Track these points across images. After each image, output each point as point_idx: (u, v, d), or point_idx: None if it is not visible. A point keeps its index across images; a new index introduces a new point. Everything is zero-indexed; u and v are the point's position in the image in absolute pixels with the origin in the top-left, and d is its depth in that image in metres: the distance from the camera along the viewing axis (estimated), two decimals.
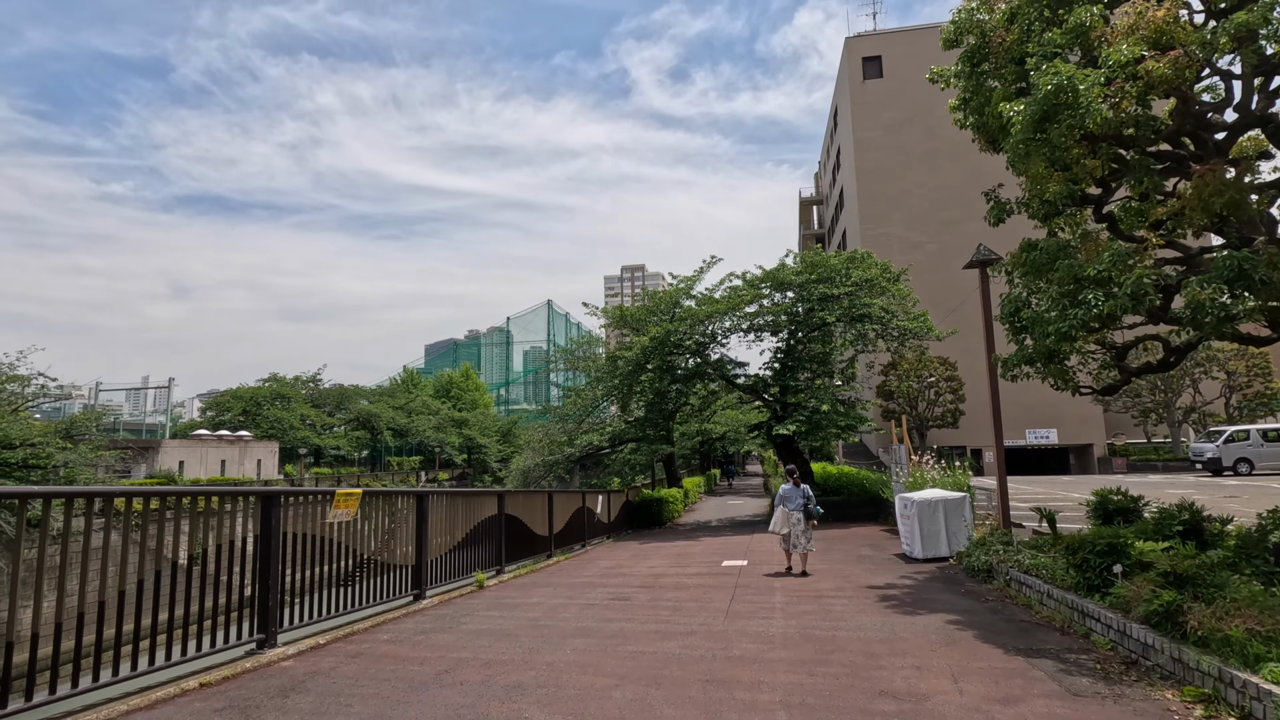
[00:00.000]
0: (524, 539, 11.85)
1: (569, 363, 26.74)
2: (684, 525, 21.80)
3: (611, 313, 21.11)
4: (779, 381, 21.44)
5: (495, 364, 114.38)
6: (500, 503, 10.71)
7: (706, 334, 20.82)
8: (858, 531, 16.71)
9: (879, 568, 10.42)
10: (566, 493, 14.75)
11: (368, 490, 7.15)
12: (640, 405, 22.50)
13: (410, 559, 8.09)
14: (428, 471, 62.44)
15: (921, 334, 19.94)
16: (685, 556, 13.11)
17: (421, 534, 8.18)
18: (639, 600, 8.32)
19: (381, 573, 7.49)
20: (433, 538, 8.53)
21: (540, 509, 12.74)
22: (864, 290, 19.98)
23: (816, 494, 21.59)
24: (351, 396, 63.36)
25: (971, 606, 7.40)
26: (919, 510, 10.87)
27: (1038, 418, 46.09)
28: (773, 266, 20.69)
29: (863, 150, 49.97)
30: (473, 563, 9.75)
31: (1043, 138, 8.02)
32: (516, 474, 26.20)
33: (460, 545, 9.40)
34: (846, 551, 12.63)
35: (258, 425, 53.24)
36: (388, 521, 7.75)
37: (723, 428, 37.42)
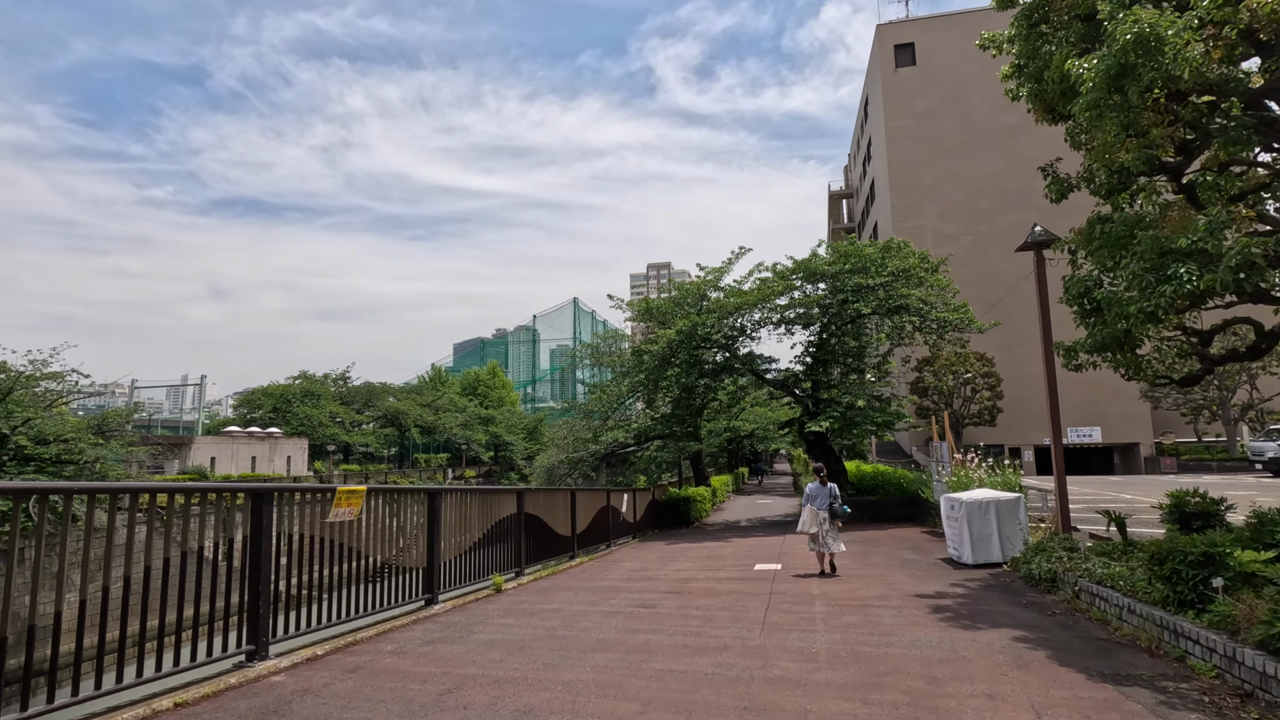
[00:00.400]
0: (545, 539, 11.29)
1: (594, 358, 26.21)
2: (712, 525, 21.11)
3: (637, 305, 20.50)
4: (810, 376, 20.65)
5: (522, 362, 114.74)
6: (519, 501, 10.16)
7: (735, 327, 20.09)
8: (896, 533, 15.87)
9: (925, 574, 9.65)
10: (590, 491, 14.19)
11: (373, 488, 6.63)
12: (666, 401, 21.84)
13: (421, 561, 7.56)
14: (455, 469, 62.55)
15: (963, 326, 18.97)
16: (715, 559, 12.45)
17: (433, 535, 7.65)
18: (666, 608, 7.69)
19: (390, 576, 6.97)
20: (446, 538, 8.00)
21: (562, 508, 12.18)
22: (901, 280, 19.08)
23: (850, 493, 20.79)
24: (379, 394, 63.74)
25: (1038, 620, 6.62)
26: (968, 512, 10.07)
27: (1081, 416, 44.38)
28: (804, 257, 19.88)
29: (895, 140, 48.62)
30: (490, 565, 9.21)
31: (1116, 100, 7.17)
32: (541, 471, 25.73)
33: (476, 546, 8.86)
34: (887, 555, 11.84)
35: (288, 422, 53.73)
36: (397, 521, 7.23)
37: (751, 425, 36.63)
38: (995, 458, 15.21)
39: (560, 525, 12.04)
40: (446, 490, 8.14)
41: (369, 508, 6.66)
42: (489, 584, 9.01)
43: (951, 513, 10.72)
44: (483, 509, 9.16)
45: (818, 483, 10.03)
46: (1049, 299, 10.47)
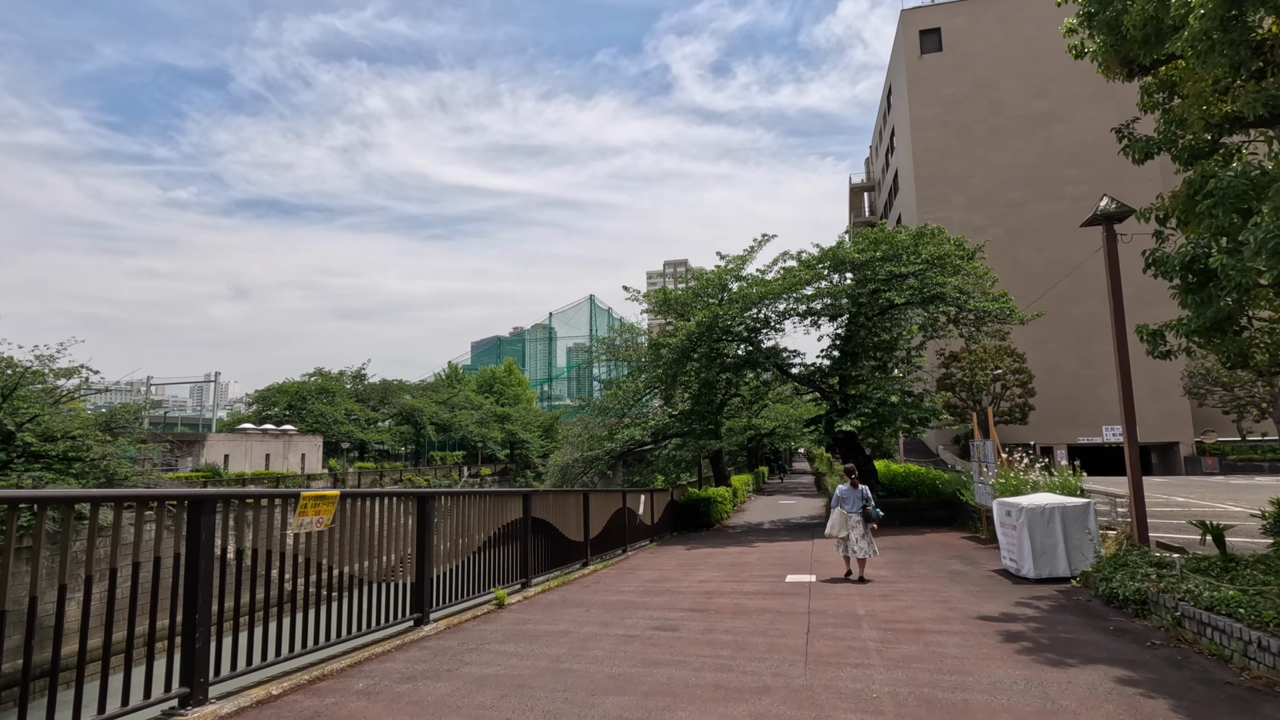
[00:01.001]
0: (555, 546, 10.32)
1: (610, 352, 25.27)
2: (734, 528, 20.05)
3: (655, 296, 19.47)
4: (838, 371, 19.49)
5: (539, 360, 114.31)
6: (526, 505, 9.19)
7: (758, 319, 19.00)
8: (934, 539, 14.71)
9: (982, 589, 8.53)
10: (605, 493, 13.21)
11: (348, 492, 5.68)
12: (685, 397, 20.81)
13: (409, 575, 6.61)
14: (470, 467, 61.98)
15: (1003, 317, 17.71)
16: (740, 567, 11.40)
17: (424, 544, 6.70)
18: (690, 631, 6.67)
19: (370, 593, 6.02)
20: (439, 548, 7.04)
21: (574, 511, 11.20)
22: (935, 268, 17.87)
23: (881, 495, 19.61)
24: (395, 391, 63.32)
25: (1138, 654, 5.52)
26: (1029, 519, 8.93)
27: (1116, 414, 42.51)
28: (832, 244, 18.73)
29: (920, 129, 47.06)
30: (492, 576, 8.24)
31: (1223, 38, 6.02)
32: (555, 470, 24.81)
33: (476, 555, 7.90)
34: (932, 565, 10.72)
35: (303, 419, 53.42)
36: (380, 530, 6.28)
37: (772, 423, 35.46)
38: (1035, 458, 14.04)
39: (572, 530, 11.06)
40: (440, 493, 7.18)
41: (345, 515, 5.72)
42: (490, 598, 8.05)
43: (1007, 520, 9.58)
44: (484, 514, 8.20)
45: (848, 485, 9.68)
46: (1120, 279, 9.27)
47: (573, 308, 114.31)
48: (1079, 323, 42.81)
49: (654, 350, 19.52)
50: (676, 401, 21.66)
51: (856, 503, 9.42)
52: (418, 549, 6.69)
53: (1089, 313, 42.90)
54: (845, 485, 9.73)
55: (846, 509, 9.45)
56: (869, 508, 9.39)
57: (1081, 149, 44.83)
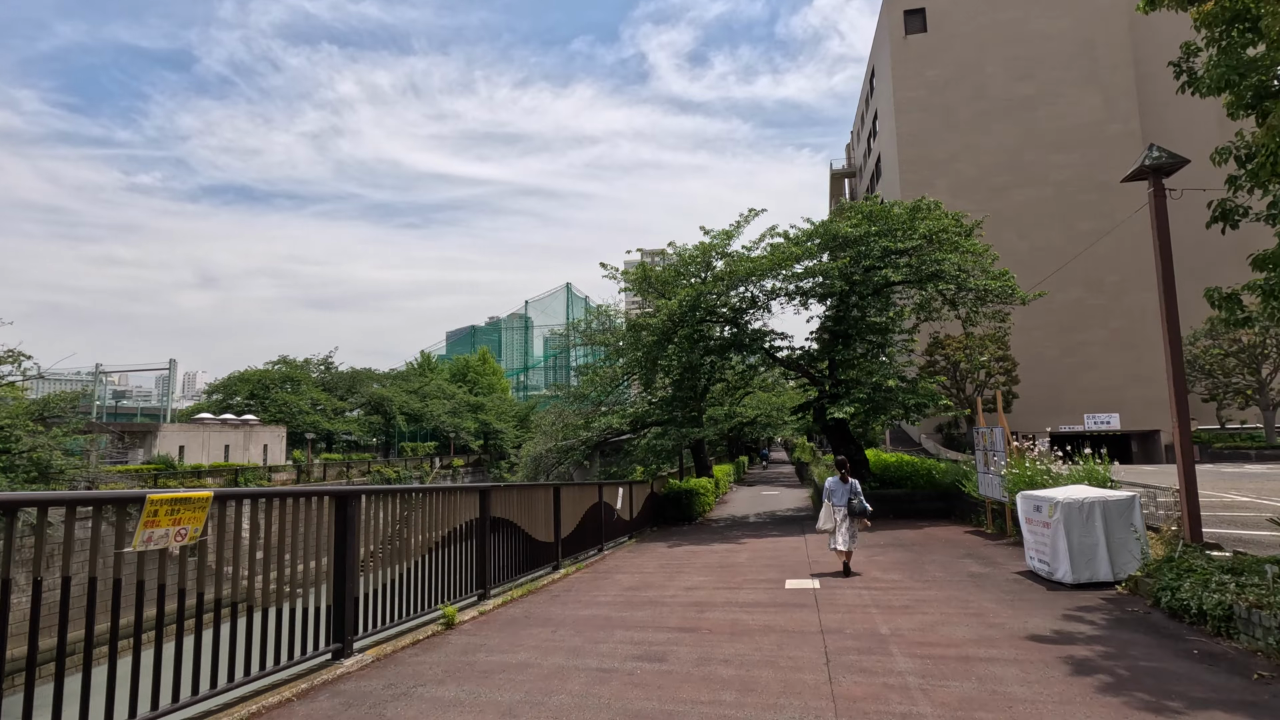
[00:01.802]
0: (520, 549, 8.95)
1: (585, 337, 23.83)
2: (718, 521, 18.84)
3: (633, 273, 18.08)
4: (828, 354, 18.31)
5: (515, 349, 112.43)
6: (484, 503, 7.80)
7: (745, 298, 17.72)
8: (935, 533, 13.63)
9: (1015, 597, 7.35)
10: (579, 487, 11.84)
11: (223, 493, 4.25)
12: (666, 383, 19.50)
13: (326, 595, 5.20)
14: (442, 458, 60.20)
15: (1004, 296, 16.64)
16: (731, 570, 10.14)
17: (344, 556, 5.30)
18: (681, 661, 5.36)
19: (268, 620, 4.61)
20: (368, 559, 5.65)
21: (543, 509, 9.83)
22: (933, 244, 16.74)
23: (874, 486, 18.49)
24: (364, 380, 61.21)
25: (1252, 693, 4.33)
26: (1066, 515, 7.76)
27: (1098, 402, 42.28)
28: (824, 218, 17.50)
29: (904, 112, 46.05)
30: (440, 589, 6.86)
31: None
32: (527, 461, 23.39)
33: (420, 566, 6.51)
34: (946, 566, 9.55)
35: (266, 410, 51.20)
36: (284, 539, 4.86)
37: (754, 411, 34.37)
38: (1044, 445, 13.01)
39: (540, 530, 9.70)
40: (366, 492, 5.76)
41: (224, 523, 4.29)
42: (437, 616, 6.67)
43: (1036, 516, 8.42)
44: (430, 514, 6.80)
45: (837, 478, 9.52)
46: (1170, 242, 8.09)
47: (549, 296, 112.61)
48: (1061, 310, 42.29)
49: (633, 332, 18.16)
50: (657, 387, 20.35)
51: (844, 496, 9.27)
52: (335, 563, 5.29)
53: (1072, 300, 42.47)
54: (834, 478, 9.54)
55: (835, 503, 9.29)
56: (855, 502, 9.25)
57: (1065, 134, 44.24)
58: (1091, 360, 42.67)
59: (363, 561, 5.56)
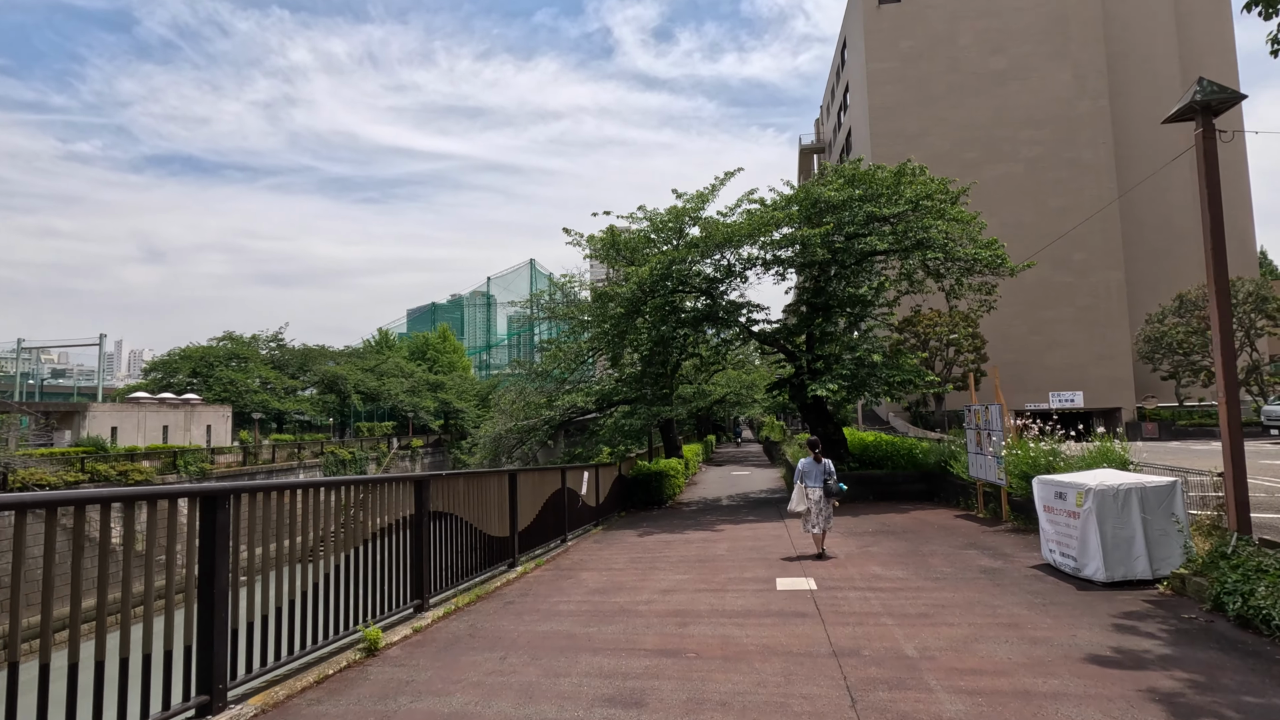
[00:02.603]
0: (467, 548, 7.64)
1: (548, 310, 22.33)
2: (689, 505, 17.76)
3: (599, 240, 16.66)
4: (805, 328, 17.23)
5: (477, 328, 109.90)
6: (420, 496, 6.45)
7: (721, 267, 16.49)
8: (924, 518, 12.72)
9: (1045, 600, 6.33)
10: (539, 472, 10.53)
11: (18, 501, 2.85)
12: (636, 359, 18.23)
13: (186, 632, 3.83)
14: (400, 438, 58.14)
15: (994, 265, 15.73)
16: (711, 565, 8.99)
17: (212, 577, 3.92)
18: (665, 706, 4.15)
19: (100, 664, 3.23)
20: (254, 573, 4.28)
21: (496, 499, 8.52)
22: (919, 211, 15.71)
23: (853, 467, 17.58)
24: (317, 358, 58.57)
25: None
26: (1100, 504, 6.76)
27: (1062, 380, 42.47)
28: (806, 182, 16.30)
29: (876, 84, 45.08)
30: (365, 602, 5.52)
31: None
32: (486, 443, 21.95)
33: (338, 576, 5.16)
34: (951, 558, 8.54)
35: (210, 388, 48.49)
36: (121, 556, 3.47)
37: (724, 389, 33.39)
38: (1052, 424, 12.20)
39: (493, 523, 8.39)
40: (248, 490, 4.37)
41: None
42: (357, 640, 5.34)
43: (1058, 504, 7.43)
44: (349, 510, 5.44)
45: (810, 459, 9.26)
46: (1219, 191, 7.04)
47: (512, 272, 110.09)
48: (1028, 287, 42.10)
49: (600, 302, 16.78)
50: (624, 364, 19.08)
51: (818, 478, 9.04)
52: (201, 584, 3.91)
53: (1039, 277, 42.20)
54: (808, 459, 9.28)
55: (809, 484, 9.03)
56: (830, 483, 9.00)
57: (1036, 109, 43.87)
58: (1058, 338, 42.77)
59: (249, 576, 4.20)
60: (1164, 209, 46.79)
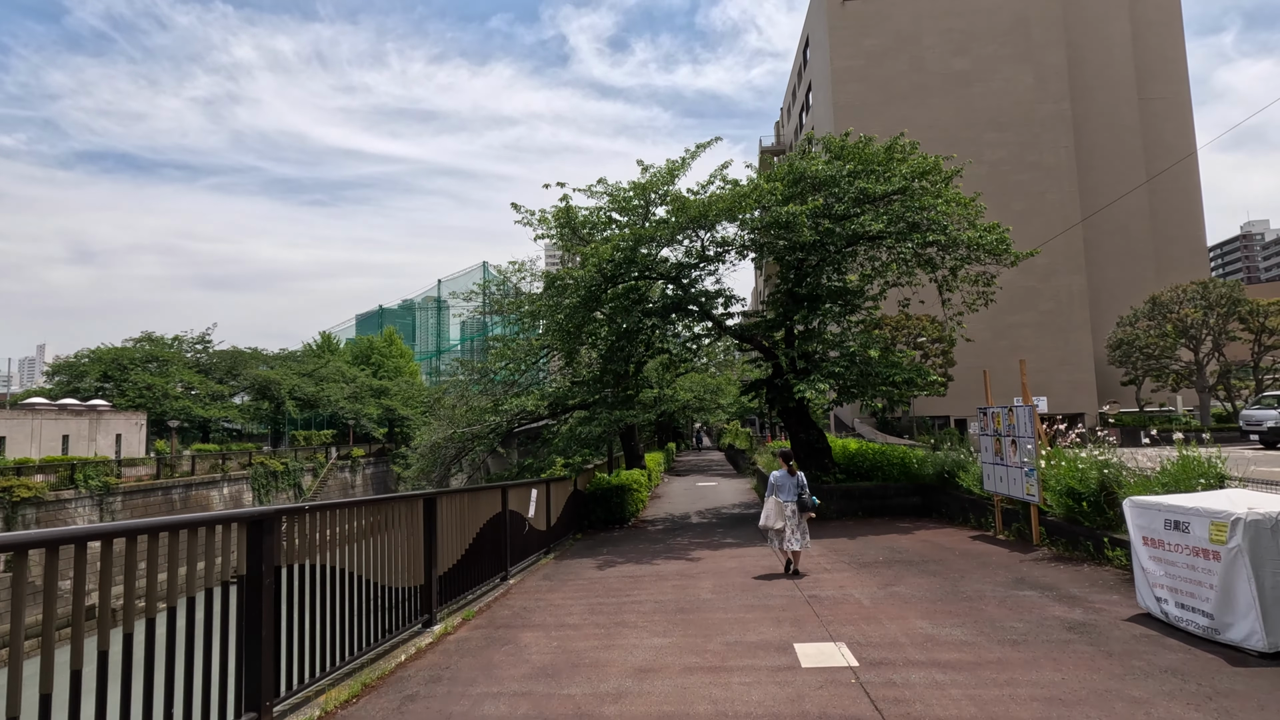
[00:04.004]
0: (353, 610, 5.25)
1: (495, 304, 19.83)
2: (656, 524, 15.54)
3: (554, 218, 14.34)
4: (784, 322, 15.24)
5: (428, 333, 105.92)
6: (258, 545, 4.06)
7: (693, 250, 14.40)
8: (936, 540, 10.79)
9: (1214, 691, 4.32)
10: (470, 494, 8.15)
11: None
12: (594, 356, 15.97)
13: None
14: (340, 447, 54.37)
15: (999, 251, 14.04)
16: (696, 615, 6.77)
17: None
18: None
19: None
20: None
21: (404, 536, 6.14)
22: (914, 191, 13.96)
23: (839, 479, 15.61)
24: (247, 361, 54.34)
25: None
26: (1254, 541, 4.82)
27: (1030, 385, 41.78)
28: (790, 153, 14.36)
29: (841, 82, 44.02)
30: None
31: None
32: (423, 453, 19.33)
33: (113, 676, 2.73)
34: (1009, 605, 6.51)
35: (124, 393, 44.10)
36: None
37: (687, 394, 31.34)
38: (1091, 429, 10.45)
39: (399, 570, 6.02)
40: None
41: None
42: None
43: (1175, 537, 5.48)
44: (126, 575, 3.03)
45: (784, 471, 8.71)
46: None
47: (465, 275, 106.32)
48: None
49: (554, 292, 14.46)
50: (580, 363, 16.81)
51: (792, 491, 8.50)
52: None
53: (1003, 280, 41.69)
54: (781, 471, 8.69)
55: (782, 498, 8.45)
56: (805, 496, 8.52)
57: (999, 112, 43.47)
58: (1022, 343, 42.21)
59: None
60: (1121, 215, 46.97)
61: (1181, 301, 29.65)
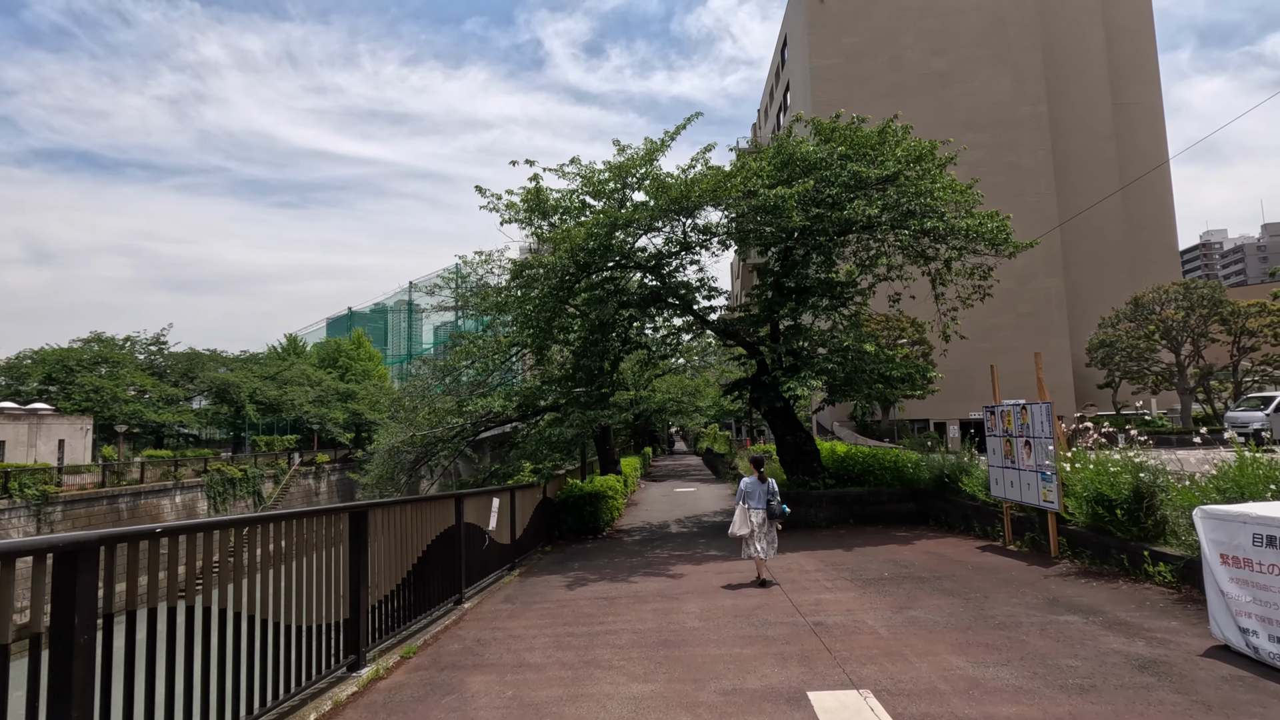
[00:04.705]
0: (248, 662, 4.00)
1: (459, 298, 18.44)
2: (633, 533, 14.39)
3: (523, 201, 13.13)
4: (769, 317, 14.22)
5: (400, 336, 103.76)
6: (69, 583, 2.83)
7: (674, 238, 13.32)
8: (941, 551, 9.82)
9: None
10: (414, 505, 6.91)
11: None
12: (567, 353, 14.80)
13: None
14: (303, 453, 52.28)
15: (999, 241, 13.19)
16: (683, 650, 5.63)
17: None
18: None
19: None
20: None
21: (325, 559, 4.91)
22: (915, 173, 13.07)
23: (830, 484, 14.58)
24: (205, 363, 52.03)
25: None
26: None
27: (1006, 388, 41.10)
28: (779, 132, 13.40)
29: (820, 80, 43.46)
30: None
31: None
32: (380, 458, 17.93)
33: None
34: (1053, 635, 5.49)
35: (70, 397, 41.71)
36: None
37: (663, 395, 30.27)
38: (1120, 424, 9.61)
39: (317, 604, 4.79)
40: None
41: None
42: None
43: (1272, 559, 4.50)
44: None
45: (754, 478, 8.57)
46: None
47: (437, 276, 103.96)
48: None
49: (523, 282, 13.23)
50: (552, 359, 15.63)
51: (762, 498, 8.42)
52: None
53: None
54: (751, 478, 8.63)
55: (752, 505, 8.40)
56: (774, 504, 8.42)
57: (977, 113, 43.21)
58: (1001, 346, 41.89)
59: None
60: (1096, 219, 47.07)
61: (1164, 302, 29.38)
